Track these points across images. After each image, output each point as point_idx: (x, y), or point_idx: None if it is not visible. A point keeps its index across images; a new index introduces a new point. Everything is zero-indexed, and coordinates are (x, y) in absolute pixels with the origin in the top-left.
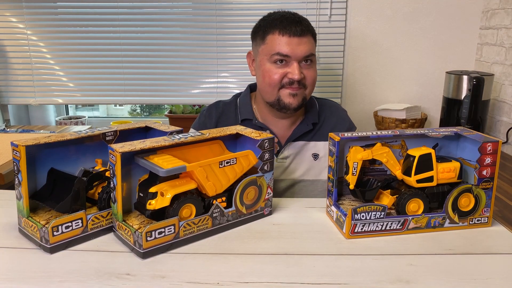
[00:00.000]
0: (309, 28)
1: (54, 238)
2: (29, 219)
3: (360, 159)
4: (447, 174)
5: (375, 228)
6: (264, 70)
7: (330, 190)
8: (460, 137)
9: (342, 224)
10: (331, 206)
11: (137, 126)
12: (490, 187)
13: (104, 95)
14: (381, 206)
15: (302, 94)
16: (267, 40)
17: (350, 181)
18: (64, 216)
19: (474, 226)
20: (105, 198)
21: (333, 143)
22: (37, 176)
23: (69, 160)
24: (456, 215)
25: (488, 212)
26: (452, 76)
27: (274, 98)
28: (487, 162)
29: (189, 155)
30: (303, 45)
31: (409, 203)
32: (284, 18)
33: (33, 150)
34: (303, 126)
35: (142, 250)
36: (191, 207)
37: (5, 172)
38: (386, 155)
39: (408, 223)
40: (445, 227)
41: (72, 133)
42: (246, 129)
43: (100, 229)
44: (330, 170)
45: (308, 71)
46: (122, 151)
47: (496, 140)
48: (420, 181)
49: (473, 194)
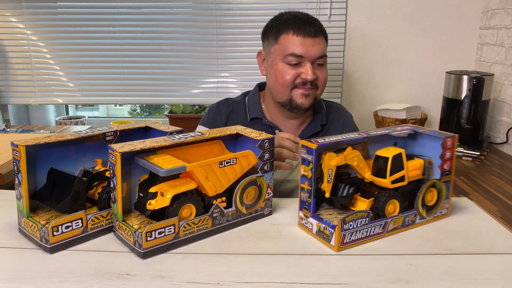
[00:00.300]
0: (321, 29)
1: (54, 238)
2: (29, 219)
3: (334, 166)
4: (415, 172)
5: (360, 236)
6: (276, 70)
7: (305, 201)
8: (417, 134)
9: (328, 237)
10: (308, 218)
11: (137, 126)
12: (449, 180)
13: (104, 95)
14: (366, 212)
15: (314, 94)
16: (280, 40)
17: (326, 189)
18: (64, 216)
19: (437, 218)
20: (105, 198)
21: (308, 151)
22: (37, 176)
23: (69, 160)
24: (425, 211)
25: (447, 204)
26: (452, 76)
27: (286, 98)
28: (447, 157)
29: (189, 155)
30: (316, 45)
31: (388, 205)
32: (298, 18)
33: (33, 150)
34: (312, 127)
35: (142, 250)
36: (191, 207)
37: (5, 172)
38: (357, 159)
39: (388, 225)
40: (416, 223)
41: (72, 133)
42: (246, 129)
43: (100, 229)
44: (304, 179)
45: (321, 71)
46: (122, 151)
47: (453, 135)
48: (395, 181)
49: (437, 188)
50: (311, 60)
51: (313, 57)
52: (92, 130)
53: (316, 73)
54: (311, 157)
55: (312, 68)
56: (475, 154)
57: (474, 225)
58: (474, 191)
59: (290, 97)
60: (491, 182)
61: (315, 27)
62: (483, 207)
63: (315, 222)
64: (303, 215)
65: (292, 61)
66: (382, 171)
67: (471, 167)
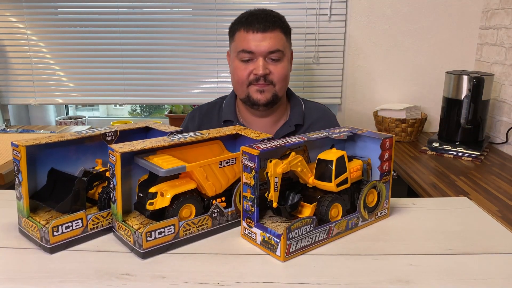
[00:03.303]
0: (276, 23)
1: (54, 238)
2: (29, 219)
3: (280, 173)
4: (356, 173)
5: (306, 243)
6: (233, 67)
7: (248, 210)
8: (356, 136)
9: (273, 247)
10: (252, 228)
11: (137, 126)
12: (388, 180)
13: (104, 95)
14: (311, 219)
15: (271, 90)
16: (235, 38)
17: (274, 198)
18: (64, 216)
19: (378, 219)
20: (105, 198)
21: (249, 158)
22: (38, 176)
23: (69, 160)
24: (366, 212)
25: (387, 204)
26: (452, 76)
27: (245, 94)
28: (386, 157)
29: (189, 155)
30: (267, 40)
31: (331, 209)
32: (251, 15)
33: (33, 150)
34: (286, 128)
35: (142, 250)
36: (191, 207)
37: (5, 172)
38: (301, 164)
39: (332, 230)
40: (359, 226)
41: (72, 133)
42: (246, 129)
43: (100, 229)
44: (247, 188)
45: (276, 67)
46: (122, 152)
47: (391, 136)
48: (339, 184)
49: (377, 190)
50: (263, 55)
51: (263, 52)
52: (92, 130)
53: (270, 68)
54: (253, 163)
55: (264, 63)
56: (475, 154)
57: (474, 225)
58: (474, 191)
59: (248, 93)
60: (491, 182)
61: (265, 22)
62: (483, 207)
63: (259, 232)
64: (246, 225)
65: (245, 57)
66: (326, 175)
67: (471, 167)
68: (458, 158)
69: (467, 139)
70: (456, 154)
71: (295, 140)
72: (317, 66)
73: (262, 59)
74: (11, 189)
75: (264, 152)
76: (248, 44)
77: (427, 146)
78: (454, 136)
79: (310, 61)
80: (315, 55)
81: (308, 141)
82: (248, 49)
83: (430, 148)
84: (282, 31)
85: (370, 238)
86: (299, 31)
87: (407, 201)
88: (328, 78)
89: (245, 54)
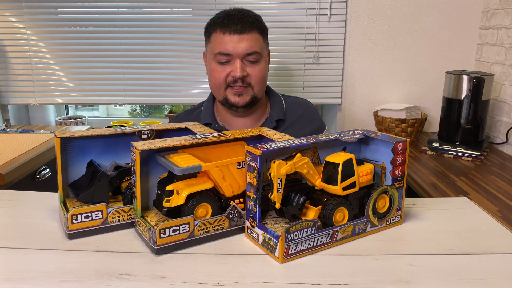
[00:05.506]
0: (253, 25)
1: (73, 225)
2: (61, 205)
3: (284, 174)
4: (365, 177)
5: (307, 246)
6: (210, 69)
7: (251, 210)
8: (369, 139)
9: (272, 248)
10: (254, 228)
11: (177, 127)
12: (402, 185)
13: (104, 95)
14: (312, 221)
15: (249, 93)
16: (211, 39)
17: (276, 199)
18: (84, 206)
19: (389, 226)
20: (128, 194)
21: (252, 158)
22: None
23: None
24: (376, 218)
25: (400, 210)
26: (452, 76)
27: (222, 97)
28: (399, 162)
29: (211, 155)
30: (244, 42)
31: (336, 213)
32: (228, 15)
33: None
34: (267, 124)
35: (156, 247)
36: (207, 207)
37: (5, 172)
38: (307, 166)
39: (336, 235)
40: (367, 231)
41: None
42: (270, 130)
43: (121, 223)
44: (250, 187)
45: (253, 68)
46: (142, 149)
47: (404, 140)
48: (346, 188)
49: (388, 195)
50: (240, 57)
51: (240, 54)
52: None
53: (247, 70)
54: (256, 163)
55: (241, 65)
56: (475, 154)
57: (474, 225)
58: (474, 191)
59: (225, 96)
60: (491, 182)
61: (242, 24)
62: (483, 207)
63: (260, 232)
64: (249, 225)
65: (222, 59)
66: (332, 178)
67: (471, 167)
68: (458, 158)
69: (467, 139)
70: (456, 154)
71: (302, 141)
72: (317, 66)
73: (240, 61)
74: (11, 189)
75: (267, 152)
76: (225, 46)
77: (427, 146)
78: (454, 136)
79: (310, 61)
80: (315, 55)
81: (316, 142)
82: (225, 51)
83: (430, 148)
84: (259, 32)
85: (370, 238)
86: (299, 31)
87: (407, 201)
88: (328, 78)
89: (222, 56)
